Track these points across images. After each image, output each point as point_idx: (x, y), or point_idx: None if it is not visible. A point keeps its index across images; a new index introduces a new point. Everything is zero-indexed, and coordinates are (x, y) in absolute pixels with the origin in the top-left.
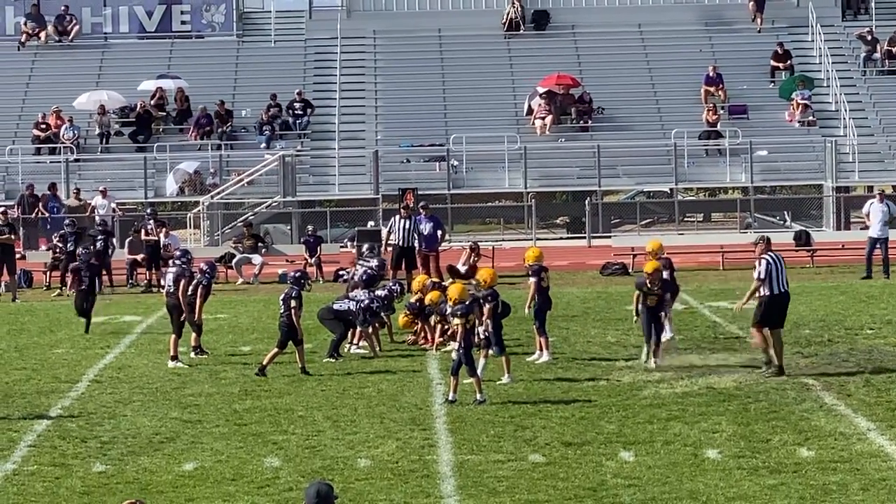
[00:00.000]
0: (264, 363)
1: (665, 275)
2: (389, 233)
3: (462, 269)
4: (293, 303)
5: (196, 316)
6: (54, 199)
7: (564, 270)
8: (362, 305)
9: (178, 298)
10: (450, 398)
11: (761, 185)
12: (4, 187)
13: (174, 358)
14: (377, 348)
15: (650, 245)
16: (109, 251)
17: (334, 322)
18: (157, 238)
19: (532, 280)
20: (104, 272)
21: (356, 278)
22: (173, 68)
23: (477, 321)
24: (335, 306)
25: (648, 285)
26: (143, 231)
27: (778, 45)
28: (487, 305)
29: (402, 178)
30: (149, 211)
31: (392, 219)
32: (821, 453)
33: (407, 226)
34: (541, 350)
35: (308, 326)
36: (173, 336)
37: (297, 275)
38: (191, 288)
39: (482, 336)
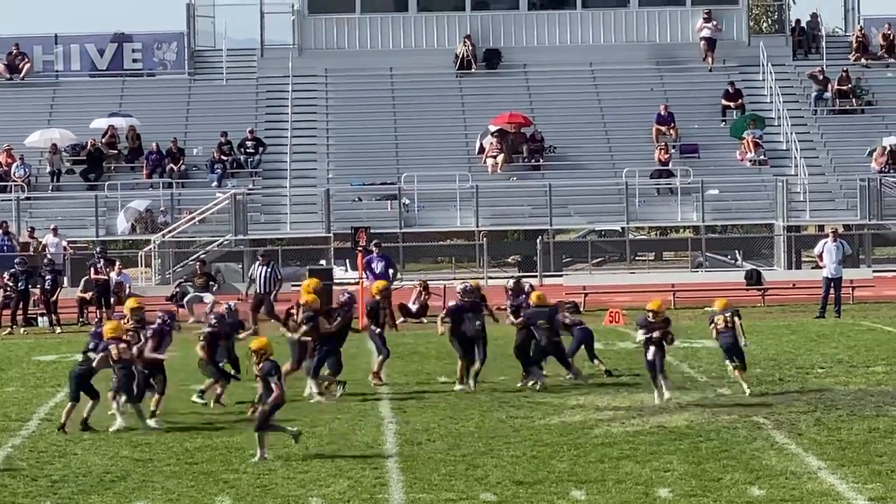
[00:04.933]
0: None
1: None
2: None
3: (413, 307)
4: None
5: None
6: (6, 237)
7: None
8: None
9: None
10: None
11: (712, 224)
12: None
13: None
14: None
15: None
16: (57, 289)
17: None
18: (106, 277)
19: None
20: (51, 310)
21: None
22: (125, 106)
23: None
24: None
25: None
26: (92, 270)
27: (729, 85)
28: (304, 327)
29: (354, 217)
30: (98, 250)
31: (252, 266)
32: (772, 492)
33: (265, 272)
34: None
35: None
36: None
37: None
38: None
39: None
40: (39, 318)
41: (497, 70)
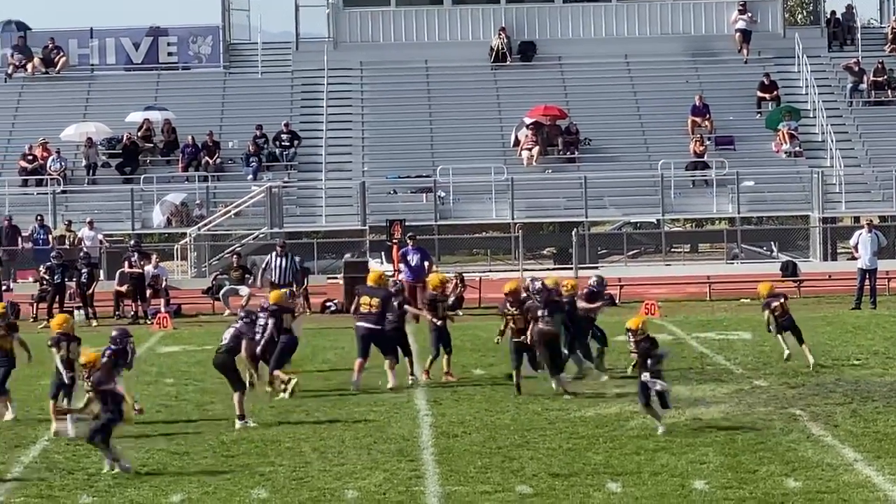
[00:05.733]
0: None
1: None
2: (265, 269)
3: (449, 300)
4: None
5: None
6: (42, 230)
7: None
8: None
9: (230, 357)
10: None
11: (748, 216)
12: None
13: (241, 417)
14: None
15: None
16: (94, 282)
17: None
18: (140, 270)
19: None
20: (87, 303)
21: None
22: (160, 100)
23: None
24: None
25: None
26: (126, 263)
27: (764, 76)
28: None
29: (390, 210)
30: (132, 243)
31: (268, 255)
32: (808, 484)
33: (282, 264)
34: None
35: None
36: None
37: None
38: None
39: None
40: (76, 312)
41: (532, 62)
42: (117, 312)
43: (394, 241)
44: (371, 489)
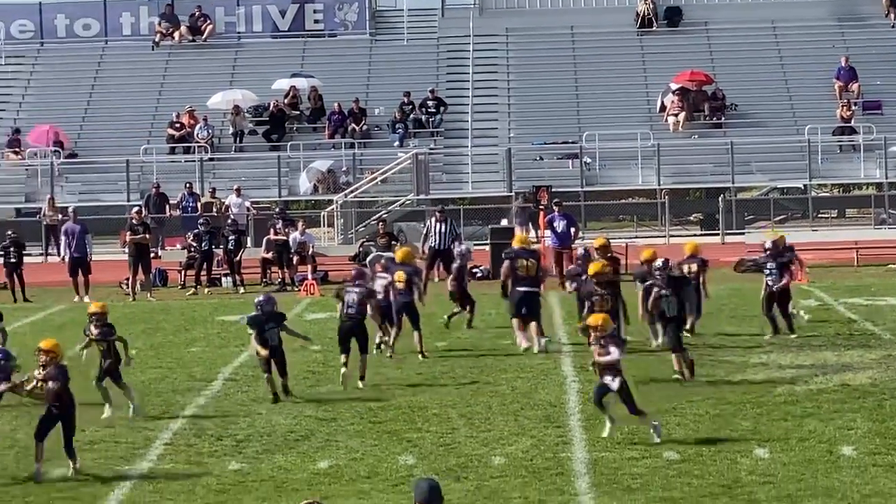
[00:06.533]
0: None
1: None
2: (427, 235)
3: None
4: (372, 302)
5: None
6: (191, 197)
7: None
8: None
9: (359, 320)
10: None
11: None
12: (140, 186)
13: (362, 378)
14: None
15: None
16: (241, 249)
17: None
18: (285, 237)
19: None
20: (234, 270)
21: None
22: (306, 67)
23: None
24: None
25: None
26: (272, 230)
27: None
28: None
29: (536, 176)
30: (277, 210)
31: (428, 221)
32: None
33: (442, 229)
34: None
35: None
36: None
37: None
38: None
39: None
40: (223, 279)
41: (678, 28)
42: (264, 279)
43: (540, 207)
44: (518, 455)
